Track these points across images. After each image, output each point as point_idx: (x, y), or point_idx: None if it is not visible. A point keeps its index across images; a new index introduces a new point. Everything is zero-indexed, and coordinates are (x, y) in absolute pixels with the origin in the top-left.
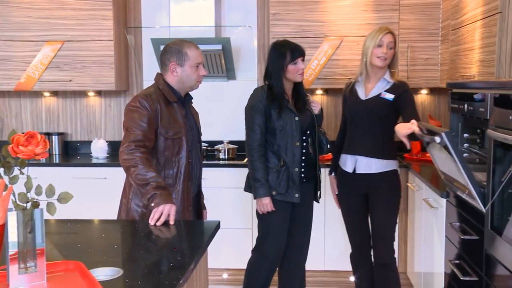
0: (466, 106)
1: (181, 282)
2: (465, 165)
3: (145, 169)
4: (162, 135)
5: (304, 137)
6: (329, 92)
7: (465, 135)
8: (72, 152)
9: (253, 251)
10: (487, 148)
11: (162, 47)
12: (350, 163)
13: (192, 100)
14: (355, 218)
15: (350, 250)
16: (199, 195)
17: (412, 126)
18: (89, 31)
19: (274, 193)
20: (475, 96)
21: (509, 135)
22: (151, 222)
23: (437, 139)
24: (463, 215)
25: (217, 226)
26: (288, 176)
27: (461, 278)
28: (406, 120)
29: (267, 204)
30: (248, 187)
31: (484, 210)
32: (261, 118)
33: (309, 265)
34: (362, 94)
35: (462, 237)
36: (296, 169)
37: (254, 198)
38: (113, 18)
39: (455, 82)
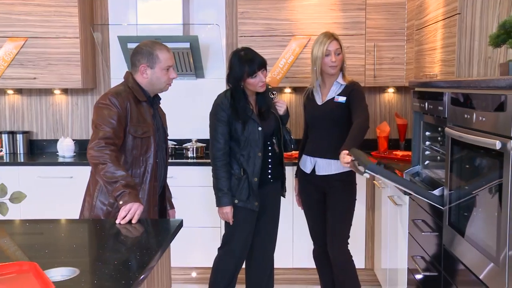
0: (426, 104)
1: (138, 280)
2: (406, 184)
3: (114, 167)
4: (131, 134)
5: (269, 142)
6: (297, 91)
7: (427, 133)
8: (38, 151)
9: (219, 249)
10: (446, 146)
11: (129, 45)
12: (309, 164)
13: (160, 101)
14: (315, 217)
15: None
16: (163, 195)
17: (343, 161)
18: (54, 28)
19: (236, 201)
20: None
21: (464, 133)
22: (118, 220)
23: (363, 173)
24: (425, 212)
25: (180, 224)
26: (249, 184)
27: (422, 274)
28: (354, 117)
29: (227, 213)
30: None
31: (442, 208)
32: (224, 128)
33: (278, 263)
34: (318, 99)
35: (423, 233)
36: (255, 179)
37: (216, 206)
38: (79, 15)
39: (416, 81)
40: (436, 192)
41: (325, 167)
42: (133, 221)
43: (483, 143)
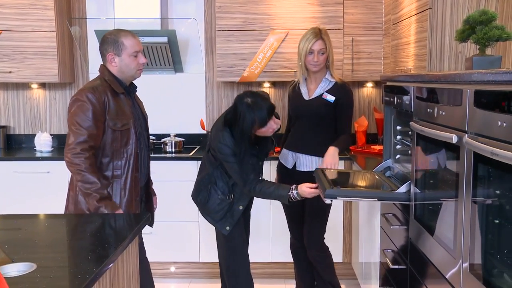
0: (395, 99)
1: (95, 275)
2: (370, 195)
3: (87, 176)
4: (110, 127)
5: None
6: (276, 85)
7: (398, 127)
8: (16, 146)
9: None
10: (412, 140)
11: None
12: (291, 159)
13: (137, 89)
14: (293, 211)
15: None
16: (148, 184)
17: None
18: (29, 21)
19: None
20: None
21: (426, 127)
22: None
23: (326, 200)
24: (395, 206)
25: (146, 219)
26: (229, 209)
27: (391, 267)
28: (340, 127)
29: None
30: (193, 195)
31: (409, 203)
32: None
33: (256, 257)
34: (305, 94)
35: (391, 227)
36: (241, 207)
37: (289, 199)
38: (55, 8)
39: (386, 75)
40: (403, 188)
41: (307, 163)
42: None
43: (441, 137)
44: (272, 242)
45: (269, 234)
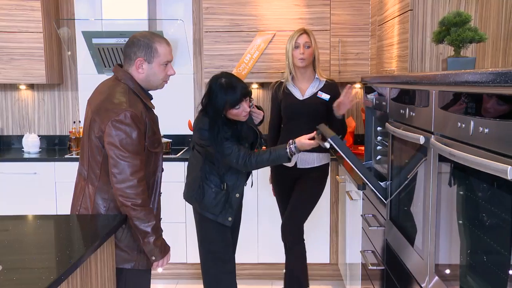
0: (374, 100)
1: (61, 276)
2: (357, 164)
3: (145, 213)
4: (147, 150)
5: None
6: (264, 86)
7: (378, 128)
8: (4, 147)
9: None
10: (388, 141)
11: (94, 40)
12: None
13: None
14: (284, 193)
15: (283, 244)
16: None
17: (311, 138)
18: (16, 22)
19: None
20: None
21: (398, 128)
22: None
23: (327, 144)
24: (374, 207)
25: (121, 221)
26: (227, 199)
27: (369, 268)
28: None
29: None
30: (188, 196)
31: (385, 201)
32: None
33: (243, 258)
34: (298, 94)
35: (369, 227)
36: (237, 195)
37: (290, 157)
38: (42, 9)
39: (367, 76)
40: (383, 184)
41: (307, 160)
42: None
43: (410, 138)
44: (259, 243)
45: (256, 235)
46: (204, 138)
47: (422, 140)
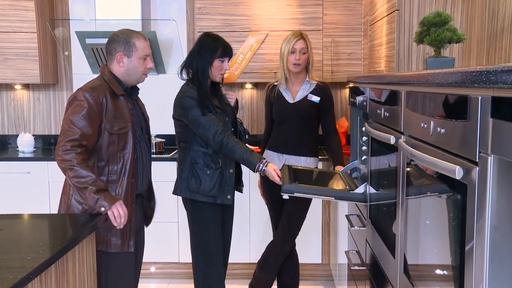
0: (357, 100)
1: (29, 275)
2: (323, 193)
3: (80, 170)
4: (106, 130)
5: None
6: (258, 86)
7: (363, 128)
8: (0, 147)
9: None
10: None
11: (88, 40)
12: (277, 161)
13: (138, 92)
14: (276, 208)
15: None
16: (149, 190)
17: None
18: (10, 22)
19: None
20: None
21: (374, 128)
22: (120, 226)
23: (285, 196)
24: (358, 207)
25: (101, 220)
26: (222, 177)
27: (352, 268)
28: (326, 126)
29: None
30: (178, 190)
31: (366, 204)
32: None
33: (235, 257)
34: (289, 97)
35: (352, 228)
36: (231, 170)
37: (257, 171)
38: (36, 9)
39: (352, 76)
40: (360, 189)
41: (295, 163)
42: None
43: (383, 139)
44: (251, 243)
45: (248, 234)
46: (187, 106)
47: (392, 140)
